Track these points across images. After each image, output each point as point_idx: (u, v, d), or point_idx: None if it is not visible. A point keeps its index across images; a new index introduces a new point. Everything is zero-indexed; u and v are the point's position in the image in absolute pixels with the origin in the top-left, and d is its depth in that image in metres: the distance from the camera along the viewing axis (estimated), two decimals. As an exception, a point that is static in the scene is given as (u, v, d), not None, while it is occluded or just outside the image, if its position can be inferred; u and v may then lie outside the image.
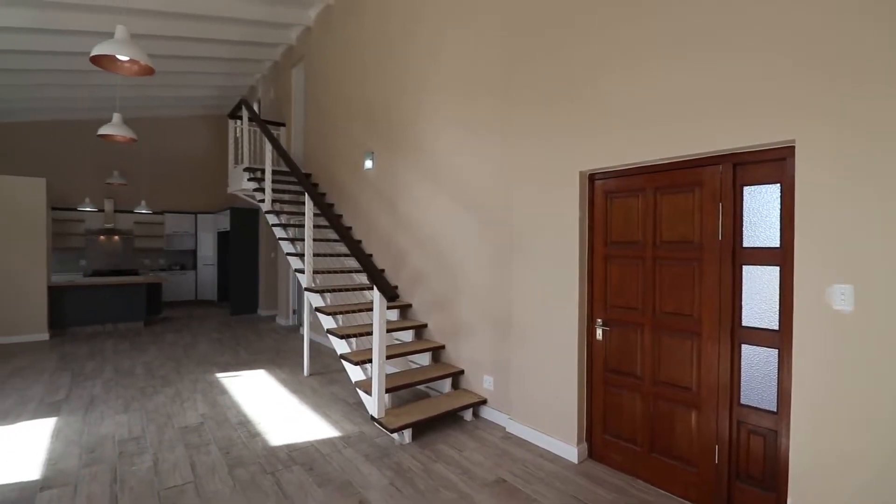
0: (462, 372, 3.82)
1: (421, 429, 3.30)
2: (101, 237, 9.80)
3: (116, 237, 9.96)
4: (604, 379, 2.91)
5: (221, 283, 10.47)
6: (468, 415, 3.56)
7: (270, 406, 3.87)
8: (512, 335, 3.32)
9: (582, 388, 2.95)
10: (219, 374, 4.81)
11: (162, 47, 6.30)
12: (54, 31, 5.38)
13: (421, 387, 4.04)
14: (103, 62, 3.55)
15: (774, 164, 2.18)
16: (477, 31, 3.74)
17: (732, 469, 2.35)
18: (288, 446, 3.10)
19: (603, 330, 2.90)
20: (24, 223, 6.25)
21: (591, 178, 2.95)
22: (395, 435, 3.16)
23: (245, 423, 3.48)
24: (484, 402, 3.60)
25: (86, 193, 9.45)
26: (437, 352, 4.09)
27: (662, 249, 2.62)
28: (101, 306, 7.18)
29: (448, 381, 3.81)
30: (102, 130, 5.54)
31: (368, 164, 5.22)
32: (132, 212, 9.93)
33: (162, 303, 8.82)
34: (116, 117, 5.66)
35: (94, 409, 3.77)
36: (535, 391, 3.16)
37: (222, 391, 4.26)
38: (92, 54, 3.42)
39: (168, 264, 10.72)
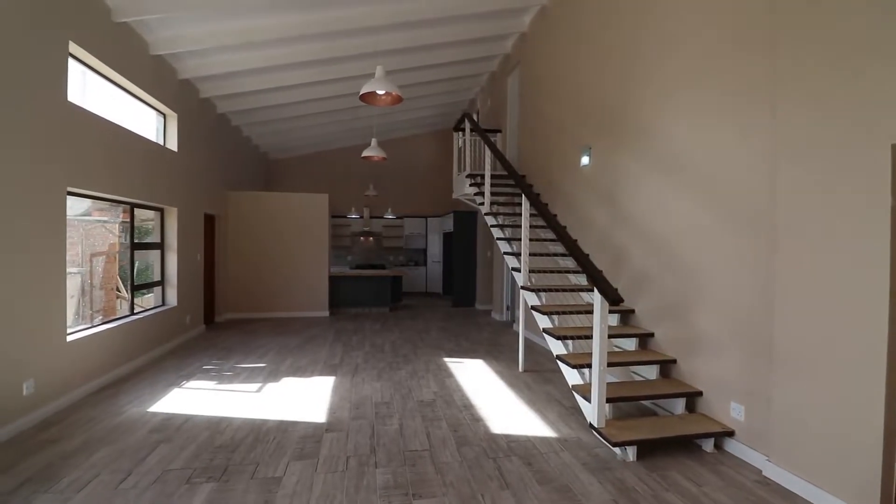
0: (700, 393, 3.27)
1: (647, 448, 2.97)
2: (361, 238, 12.37)
3: (371, 238, 12.41)
4: (938, 436, 2.05)
5: (446, 278, 11.93)
6: (708, 445, 3.03)
7: (489, 395, 4.12)
8: (775, 359, 2.66)
9: (892, 443, 2.14)
10: (446, 359, 5.41)
11: (401, 78, 7.47)
12: (331, 80, 6.97)
13: (646, 402, 3.66)
14: (367, 97, 4.41)
15: None
16: (724, -10, 3.15)
17: None
18: (506, 436, 3.23)
19: (937, 366, 2.04)
20: (315, 228, 8.37)
21: (917, 152, 2.10)
22: (616, 449, 2.93)
23: (468, 407, 3.80)
24: (731, 433, 2.99)
25: (351, 204, 12.06)
26: (665, 365, 3.63)
27: None
28: (361, 293, 9.05)
29: (681, 402, 3.33)
30: (365, 153, 6.94)
31: (585, 160, 5.02)
32: (382, 217, 12.23)
33: (402, 293, 10.54)
34: (374, 142, 7.01)
35: (358, 374, 4.73)
36: (812, 434, 2.45)
37: (448, 374, 4.76)
38: (361, 92, 4.29)
39: (406, 261, 12.75)
